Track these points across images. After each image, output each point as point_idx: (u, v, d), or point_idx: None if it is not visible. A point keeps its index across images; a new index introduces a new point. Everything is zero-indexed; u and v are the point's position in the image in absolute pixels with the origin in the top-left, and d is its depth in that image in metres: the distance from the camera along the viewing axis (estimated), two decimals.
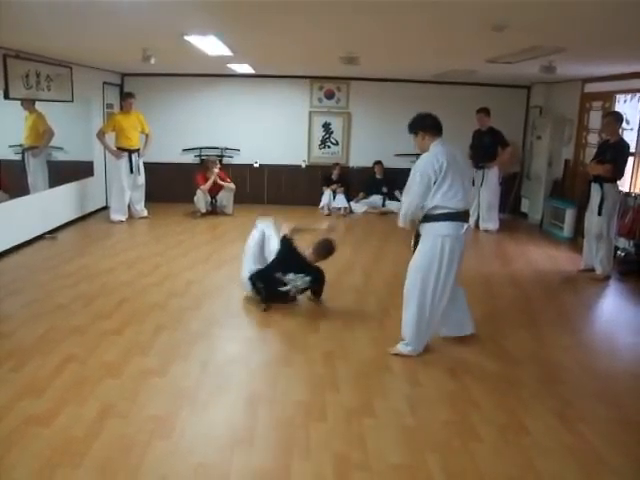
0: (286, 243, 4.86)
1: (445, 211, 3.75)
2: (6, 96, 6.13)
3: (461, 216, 3.80)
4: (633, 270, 6.20)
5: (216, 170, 8.75)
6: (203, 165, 8.98)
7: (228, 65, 7.72)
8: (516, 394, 3.47)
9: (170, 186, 9.54)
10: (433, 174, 3.69)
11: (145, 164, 8.43)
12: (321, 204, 9.37)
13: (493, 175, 8.29)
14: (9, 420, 2.98)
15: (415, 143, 3.96)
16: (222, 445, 2.84)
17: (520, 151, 9.64)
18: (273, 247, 5.02)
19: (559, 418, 3.20)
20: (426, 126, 3.86)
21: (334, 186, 9.44)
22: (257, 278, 4.78)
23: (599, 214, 5.86)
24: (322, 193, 9.46)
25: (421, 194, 3.74)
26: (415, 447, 2.87)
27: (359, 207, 9.41)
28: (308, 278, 4.74)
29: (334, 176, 9.54)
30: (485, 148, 8.24)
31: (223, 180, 8.80)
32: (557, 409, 3.30)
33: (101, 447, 2.77)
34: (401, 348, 3.98)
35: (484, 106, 8.30)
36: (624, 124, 6.14)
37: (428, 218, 3.82)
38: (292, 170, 9.89)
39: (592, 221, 6.00)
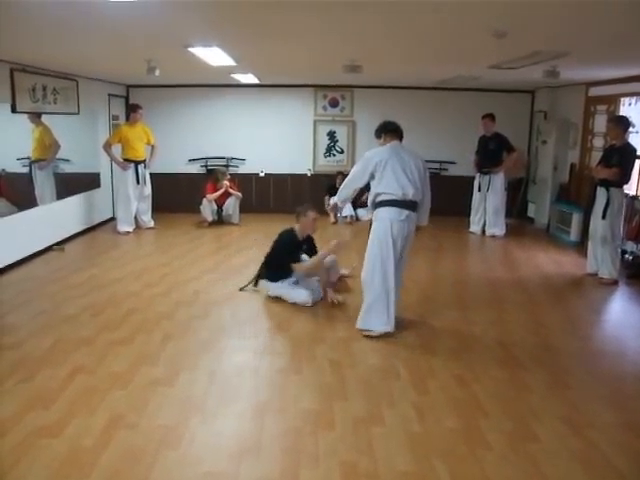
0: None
1: (387, 198, 4.30)
2: (13, 109, 6.19)
3: (402, 203, 4.28)
4: None
5: (226, 182, 8.80)
6: (213, 175, 9.01)
7: (232, 75, 7.77)
8: (524, 400, 3.47)
9: (177, 196, 9.59)
10: (372, 163, 4.31)
11: (151, 175, 8.48)
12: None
13: (499, 180, 8.30)
14: (18, 431, 3.00)
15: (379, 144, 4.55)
16: (230, 454, 2.85)
17: (526, 156, 9.62)
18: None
19: (567, 424, 3.19)
20: (387, 130, 4.52)
21: None
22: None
23: (603, 218, 5.85)
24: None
25: (356, 174, 4.43)
26: (423, 454, 2.86)
27: (365, 214, 9.40)
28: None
29: (338, 185, 9.53)
30: (491, 153, 8.26)
31: (232, 189, 8.87)
32: (565, 414, 3.29)
33: (110, 457, 2.79)
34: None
35: (489, 112, 8.34)
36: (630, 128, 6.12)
37: (377, 205, 4.38)
38: (297, 179, 9.92)
39: (597, 225, 5.99)
